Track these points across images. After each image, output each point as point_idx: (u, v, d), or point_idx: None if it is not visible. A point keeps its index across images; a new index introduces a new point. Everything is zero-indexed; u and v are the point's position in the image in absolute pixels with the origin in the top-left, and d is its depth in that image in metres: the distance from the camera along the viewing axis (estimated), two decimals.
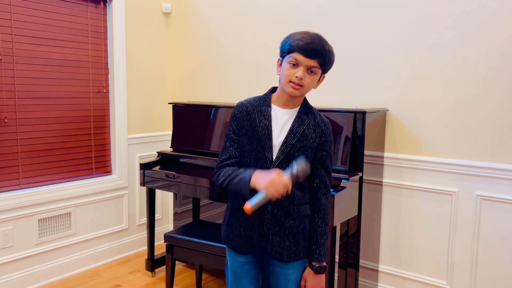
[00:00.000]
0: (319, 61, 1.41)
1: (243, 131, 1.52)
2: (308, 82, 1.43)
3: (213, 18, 3.29)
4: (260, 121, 1.49)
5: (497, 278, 2.26)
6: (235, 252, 1.58)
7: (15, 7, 2.66)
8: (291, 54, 1.42)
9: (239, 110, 1.55)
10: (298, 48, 1.40)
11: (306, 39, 1.41)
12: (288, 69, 1.43)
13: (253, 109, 1.52)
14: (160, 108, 3.57)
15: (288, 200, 1.48)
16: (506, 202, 2.20)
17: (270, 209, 1.49)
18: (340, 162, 2.36)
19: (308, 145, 1.48)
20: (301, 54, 1.40)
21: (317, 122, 1.51)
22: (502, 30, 2.16)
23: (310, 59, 1.40)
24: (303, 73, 1.41)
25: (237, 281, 1.59)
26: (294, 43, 1.41)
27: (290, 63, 1.42)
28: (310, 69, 1.42)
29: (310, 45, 1.39)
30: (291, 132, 1.48)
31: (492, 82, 2.21)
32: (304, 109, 1.52)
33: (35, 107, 2.80)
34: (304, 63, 1.41)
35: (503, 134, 2.20)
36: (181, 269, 3.16)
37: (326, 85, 2.75)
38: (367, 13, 2.57)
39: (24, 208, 2.74)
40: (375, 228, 2.63)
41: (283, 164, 1.46)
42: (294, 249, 1.51)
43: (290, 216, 1.50)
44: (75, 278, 2.99)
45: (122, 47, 3.21)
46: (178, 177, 2.75)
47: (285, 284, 1.55)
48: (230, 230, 1.57)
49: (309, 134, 1.49)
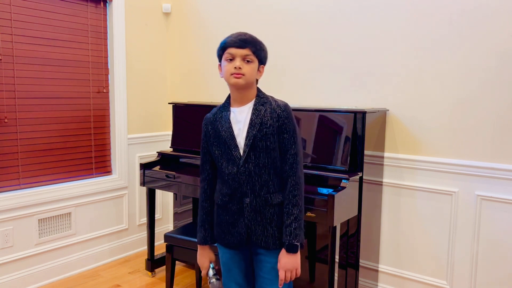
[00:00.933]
0: (251, 48, 1.53)
1: (211, 140, 1.64)
2: (247, 70, 1.53)
3: (213, 18, 3.29)
4: (222, 126, 1.60)
5: (497, 278, 2.26)
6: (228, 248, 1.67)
7: (15, 7, 2.66)
8: (225, 51, 1.54)
9: (205, 123, 1.69)
10: (230, 43, 1.53)
11: (234, 34, 1.55)
12: (227, 65, 1.54)
13: (215, 118, 1.65)
14: (160, 108, 3.57)
15: (264, 189, 1.57)
16: (506, 202, 2.20)
17: (248, 202, 1.58)
18: (340, 162, 2.36)
19: (268, 132, 1.55)
20: (233, 47, 1.52)
21: (273, 108, 1.58)
22: (502, 30, 2.16)
23: (242, 48, 1.52)
24: (240, 62, 1.52)
25: (228, 270, 1.70)
26: (226, 41, 1.55)
27: (226, 59, 1.55)
28: (246, 58, 1.53)
29: (238, 37, 1.53)
30: (251, 124, 1.56)
31: (492, 82, 2.21)
32: (259, 100, 1.60)
33: (35, 107, 2.80)
34: (238, 53, 1.52)
35: (503, 134, 2.20)
36: (181, 269, 3.16)
37: (326, 85, 2.77)
38: (366, 13, 2.57)
39: (24, 208, 2.74)
40: (375, 228, 2.63)
41: (251, 156, 1.56)
42: (278, 235, 1.59)
43: (269, 205, 1.58)
44: (75, 278, 2.99)
45: (122, 47, 3.21)
46: (178, 177, 2.75)
47: (270, 272, 1.62)
48: (220, 229, 1.67)
49: (267, 121, 1.56)
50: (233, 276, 1.70)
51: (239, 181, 1.57)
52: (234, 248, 1.65)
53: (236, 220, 1.61)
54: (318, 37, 2.77)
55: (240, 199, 1.59)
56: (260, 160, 1.56)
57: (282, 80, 2.92)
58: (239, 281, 1.70)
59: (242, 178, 1.57)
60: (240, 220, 1.60)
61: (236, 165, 1.57)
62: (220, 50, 1.57)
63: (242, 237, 1.61)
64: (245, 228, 1.60)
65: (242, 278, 1.70)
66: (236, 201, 1.60)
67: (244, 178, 1.57)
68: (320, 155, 2.43)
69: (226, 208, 1.62)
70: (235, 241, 1.63)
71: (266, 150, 1.55)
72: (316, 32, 2.76)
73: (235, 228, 1.61)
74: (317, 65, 2.80)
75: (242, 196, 1.58)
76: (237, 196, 1.59)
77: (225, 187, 1.62)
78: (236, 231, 1.61)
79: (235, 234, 1.62)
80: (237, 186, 1.58)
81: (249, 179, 1.56)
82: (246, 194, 1.57)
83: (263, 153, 1.55)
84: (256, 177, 1.56)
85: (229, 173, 1.58)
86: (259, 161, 1.56)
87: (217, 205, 1.67)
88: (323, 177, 2.30)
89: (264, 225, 1.58)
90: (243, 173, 1.56)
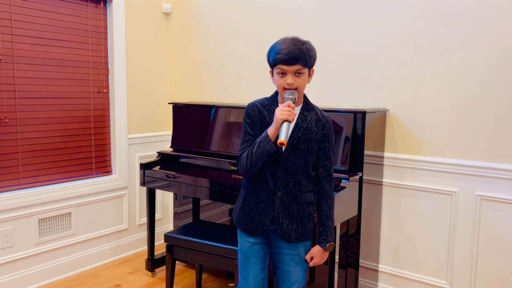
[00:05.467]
0: (301, 63, 1.58)
1: (256, 127, 1.69)
2: (299, 83, 1.61)
3: (213, 18, 3.29)
4: (270, 118, 1.64)
5: (497, 278, 2.26)
6: (246, 234, 1.75)
7: (15, 7, 2.66)
8: (276, 66, 1.60)
9: (251, 109, 1.71)
10: (280, 60, 1.58)
11: (284, 50, 1.57)
12: (279, 79, 1.62)
13: (263, 108, 1.70)
14: (160, 108, 3.57)
15: (296, 187, 1.68)
16: (506, 202, 2.20)
17: (279, 196, 1.67)
18: (340, 162, 2.36)
19: (312, 137, 1.66)
20: (283, 64, 1.58)
21: (318, 117, 1.69)
22: (502, 30, 2.16)
23: (293, 65, 1.58)
24: (292, 78, 1.59)
25: (247, 260, 1.77)
26: (275, 58, 1.59)
27: (278, 74, 1.61)
28: (297, 72, 1.59)
29: (288, 55, 1.56)
30: (297, 127, 1.65)
31: (492, 82, 2.21)
32: (306, 106, 1.70)
33: (35, 107, 2.80)
34: (290, 70, 1.59)
35: (503, 134, 2.20)
36: (181, 269, 3.16)
37: (326, 85, 2.76)
38: (366, 13, 2.57)
39: (24, 208, 2.74)
40: (375, 228, 2.63)
41: (291, 156, 1.65)
42: (300, 231, 1.70)
43: (297, 202, 1.69)
44: (75, 278, 2.99)
45: (122, 47, 3.21)
46: (178, 177, 2.75)
47: (289, 263, 1.73)
48: (242, 215, 1.75)
49: (312, 128, 1.66)
50: (251, 267, 1.76)
51: (276, 175, 1.66)
52: (252, 234, 1.72)
53: (262, 209, 1.69)
54: (318, 37, 2.77)
55: (272, 191, 1.68)
56: (298, 161, 1.66)
57: None
58: (256, 272, 1.76)
59: (278, 173, 1.66)
60: (267, 210, 1.69)
61: (277, 159, 1.64)
62: (271, 64, 1.63)
63: (263, 225, 1.69)
64: (270, 219, 1.69)
65: (260, 269, 1.76)
66: (267, 191, 1.68)
67: (280, 173, 1.66)
68: None
69: (255, 196, 1.71)
70: (254, 228, 1.71)
71: (306, 153, 1.66)
72: (316, 32, 2.76)
73: (258, 216, 1.70)
74: (317, 65, 2.79)
75: (274, 189, 1.67)
76: (269, 187, 1.68)
77: (260, 175, 1.69)
78: (258, 219, 1.70)
79: (256, 222, 1.70)
80: (272, 178, 1.67)
81: (284, 175, 1.66)
82: (279, 188, 1.67)
83: (303, 155, 1.66)
84: (292, 175, 1.66)
85: (268, 165, 1.66)
86: (298, 161, 1.66)
87: (247, 190, 1.74)
88: None
89: (290, 220, 1.68)
90: (280, 168, 1.66)
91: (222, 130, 2.85)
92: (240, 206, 1.77)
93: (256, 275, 1.76)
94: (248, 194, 1.74)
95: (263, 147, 1.58)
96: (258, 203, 1.70)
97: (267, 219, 1.69)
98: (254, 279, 1.76)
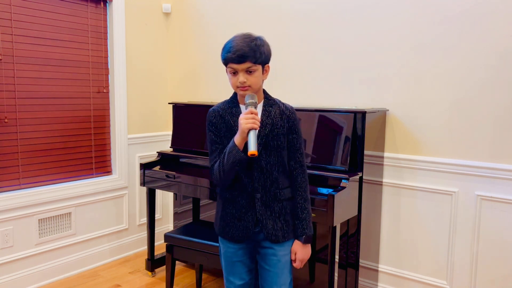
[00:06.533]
0: (251, 60, 1.54)
1: (221, 133, 1.66)
2: (252, 81, 1.56)
3: (213, 18, 3.29)
4: (234, 121, 1.63)
5: (497, 278, 2.26)
6: (233, 242, 1.70)
7: (15, 7, 2.66)
8: (228, 65, 1.57)
9: (213, 115, 1.69)
10: (229, 59, 1.55)
11: (233, 48, 1.54)
12: (232, 78, 1.59)
13: (224, 112, 1.67)
14: (160, 108, 3.57)
15: (274, 185, 1.65)
16: (506, 202, 2.20)
17: (259, 197, 1.64)
18: (340, 162, 2.36)
19: (279, 132, 1.63)
20: (233, 63, 1.55)
21: (282, 110, 1.66)
22: (502, 30, 2.16)
23: (243, 63, 1.54)
24: (243, 76, 1.55)
25: (231, 265, 1.73)
26: (225, 56, 1.56)
27: (230, 72, 1.59)
28: (248, 70, 1.55)
29: (237, 53, 1.53)
30: (262, 124, 1.60)
31: (492, 82, 2.21)
32: (267, 101, 1.67)
33: (35, 107, 2.80)
34: (240, 68, 1.55)
35: (503, 134, 2.20)
36: (181, 269, 3.16)
37: (326, 85, 2.76)
38: (366, 13, 2.57)
39: (24, 208, 2.74)
40: (375, 228, 2.63)
41: (262, 155, 1.62)
42: (286, 229, 1.67)
43: (278, 200, 1.66)
44: (75, 278, 2.99)
45: (122, 47, 3.21)
46: (178, 177, 2.75)
47: (277, 265, 1.68)
48: (224, 223, 1.70)
49: (277, 122, 1.63)
50: (237, 271, 1.72)
51: (252, 177, 1.63)
52: (238, 241, 1.68)
53: (244, 214, 1.65)
54: (318, 37, 2.77)
55: (251, 193, 1.64)
56: (271, 158, 1.63)
57: (282, 80, 2.92)
58: (243, 275, 1.73)
59: (254, 175, 1.63)
60: (248, 214, 1.65)
61: (250, 162, 1.61)
62: (223, 63, 1.60)
63: (248, 230, 1.65)
64: (253, 222, 1.65)
65: (245, 272, 1.73)
66: (246, 195, 1.65)
67: (256, 174, 1.63)
68: (320, 155, 2.43)
69: (234, 202, 1.67)
70: (240, 234, 1.66)
71: (277, 149, 1.63)
72: (316, 32, 2.76)
73: (241, 221, 1.66)
74: (317, 65, 2.80)
75: (253, 191, 1.64)
76: (248, 190, 1.64)
77: (236, 181, 1.65)
78: (241, 225, 1.66)
79: (240, 228, 1.66)
80: (249, 182, 1.63)
81: (261, 175, 1.63)
82: (257, 190, 1.63)
83: (274, 152, 1.63)
84: (268, 174, 1.63)
85: (242, 169, 1.62)
86: (270, 159, 1.63)
87: (224, 198, 1.70)
88: (323, 177, 2.30)
89: (274, 219, 1.65)
90: (255, 170, 1.63)
91: None
92: (221, 215, 1.72)
93: (242, 278, 1.73)
94: (226, 201, 1.69)
95: (233, 157, 1.54)
96: (239, 209, 1.66)
97: (251, 223, 1.65)
98: (240, 281, 1.72)
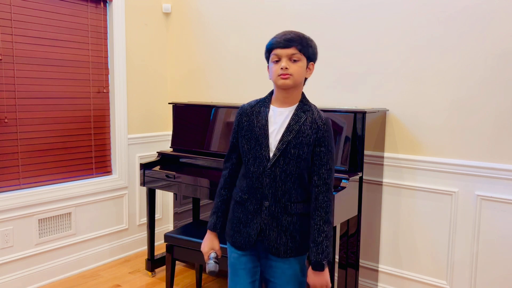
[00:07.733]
0: (297, 47, 1.48)
1: (242, 132, 1.59)
2: (295, 69, 1.48)
3: (213, 18, 3.29)
4: (258, 122, 1.55)
5: (497, 278, 2.26)
6: (235, 248, 1.63)
7: (15, 7, 2.66)
8: (271, 52, 1.51)
9: (239, 113, 1.63)
10: (274, 44, 1.49)
11: (279, 34, 1.51)
12: (274, 66, 1.50)
13: (252, 111, 1.59)
14: (160, 108, 3.57)
15: (285, 197, 1.53)
16: (506, 202, 2.20)
17: (267, 205, 1.54)
18: (340, 162, 2.36)
19: (303, 141, 1.50)
20: (278, 47, 1.48)
21: (314, 119, 1.53)
22: (502, 29, 2.16)
23: (288, 48, 1.47)
24: (287, 62, 1.47)
25: (235, 273, 1.64)
26: (271, 42, 1.52)
27: (273, 61, 1.51)
28: (292, 57, 1.48)
29: (283, 37, 1.48)
30: (288, 129, 1.52)
31: (491, 82, 2.21)
32: (302, 106, 1.55)
33: (35, 107, 2.80)
34: (284, 53, 1.48)
35: (503, 134, 2.20)
36: (181, 269, 3.16)
37: (326, 85, 2.76)
38: (366, 13, 2.57)
39: (24, 208, 2.74)
40: (375, 228, 2.63)
41: (280, 161, 1.51)
42: (290, 245, 1.54)
43: (287, 213, 1.54)
44: (75, 278, 2.99)
45: (122, 47, 3.21)
46: (178, 177, 2.75)
47: (281, 277, 1.57)
48: (230, 227, 1.64)
49: (305, 130, 1.51)
50: (240, 280, 1.62)
51: (263, 182, 1.53)
52: (241, 248, 1.60)
53: (250, 220, 1.56)
54: (317, 37, 2.75)
55: (260, 200, 1.54)
56: (288, 167, 1.51)
57: None
58: (245, 285, 1.62)
59: (266, 181, 1.53)
60: (254, 221, 1.55)
61: (263, 166, 1.52)
62: (266, 52, 1.54)
63: (250, 238, 1.56)
64: (257, 230, 1.55)
65: (248, 284, 1.62)
66: (255, 201, 1.55)
67: (268, 181, 1.52)
68: None
69: (243, 206, 1.58)
70: (242, 241, 1.58)
71: (297, 159, 1.50)
72: (316, 32, 2.76)
73: (246, 228, 1.57)
74: (316, 65, 2.79)
75: (262, 198, 1.54)
76: (257, 196, 1.55)
77: (246, 184, 1.57)
78: (246, 231, 1.57)
79: (244, 234, 1.57)
80: (259, 187, 1.54)
81: (272, 183, 1.52)
82: (266, 197, 1.53)
83: (293, 161, 1.51)
84: (281, 183, 1.52)
85: (254, 172, 1.54)
86: (287, 168, 1.51)
87: (235, 201, 1.62)
88: None
89: (279, 232, 1.53)
90: (268, 176, 1.52)
91: (222, 130, 2.85)
92: (229, 218, 1.65)
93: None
94: (236, 204, 1.61)
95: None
96: (246, 214, 1.57)
97: (254, 231, 1.54)
98: None
